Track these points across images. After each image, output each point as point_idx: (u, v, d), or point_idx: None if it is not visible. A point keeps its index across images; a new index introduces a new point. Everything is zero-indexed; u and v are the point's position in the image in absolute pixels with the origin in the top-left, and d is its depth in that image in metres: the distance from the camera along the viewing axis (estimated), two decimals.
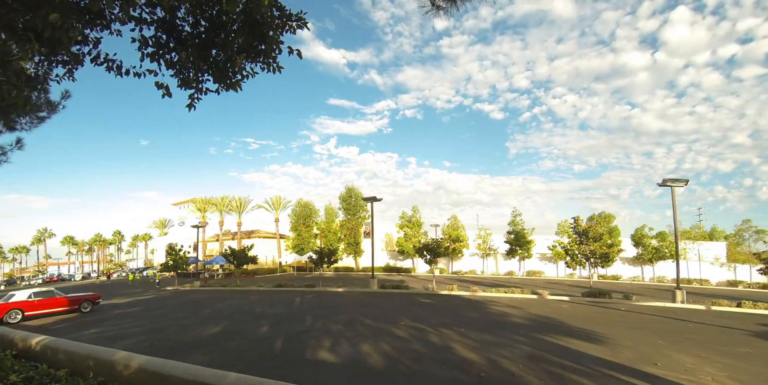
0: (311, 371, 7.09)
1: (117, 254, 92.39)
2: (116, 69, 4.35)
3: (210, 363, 7.23)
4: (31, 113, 7.04)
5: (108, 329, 12.25)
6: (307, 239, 51.23)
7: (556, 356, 8.04)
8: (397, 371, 7.04)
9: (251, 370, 6.90)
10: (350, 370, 7.16)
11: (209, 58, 4.26)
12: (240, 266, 34.74)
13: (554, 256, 39.69)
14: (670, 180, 20.37)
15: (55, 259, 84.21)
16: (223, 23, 4.04)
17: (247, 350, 8.79)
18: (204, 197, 59.41)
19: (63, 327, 13.24)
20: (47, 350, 5.58)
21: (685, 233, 47.14)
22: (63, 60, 4.40)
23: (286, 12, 4.13)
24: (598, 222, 23.63)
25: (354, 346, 9.01)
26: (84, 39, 4.23)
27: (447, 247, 26.18)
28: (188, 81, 4.37)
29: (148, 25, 4.10)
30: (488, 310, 15.37)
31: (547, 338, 9.78)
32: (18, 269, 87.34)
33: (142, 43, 4.14)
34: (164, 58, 4.25)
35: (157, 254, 71.81)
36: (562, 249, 23.07)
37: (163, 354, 7.85)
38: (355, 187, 52.00)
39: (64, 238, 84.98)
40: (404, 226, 47.41)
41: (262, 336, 10.35)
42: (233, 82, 4.44)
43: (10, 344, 6.12)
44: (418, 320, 12.71)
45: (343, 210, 51.90)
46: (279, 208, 55.38)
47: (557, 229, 42.88)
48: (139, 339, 10.37)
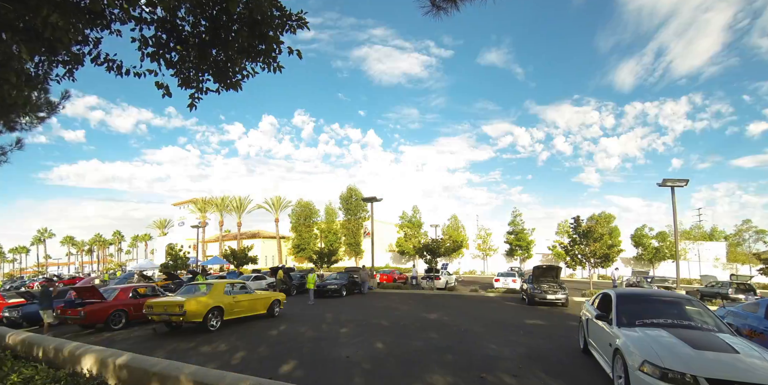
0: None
1: (117, 255, 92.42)
2: (116, 69, 4.35)
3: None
4: (31, 113, 7.03)
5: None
6: (307, 240, 51.25)
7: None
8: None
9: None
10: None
11: (209, 58, 4.25)
12: (239, 267, 34.74)
13: (555, 256, 39.71)
14: (670, 180, 20.38)
15: (55, 259, 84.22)
16: (224, 23, 4.03)
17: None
18: (204, 197, 59.45)
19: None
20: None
21: (685, 234, 47.12)
22: (63, 60, 4.39)
23: (286, 12, 4.13)
24: (598, 222, 23.63)
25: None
26: (84, 39, 4.23)
27: (447, 247, 26.12)
28: (188, 81, 4.37)
29: (148, 25, 4.09)
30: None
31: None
32: (18, 269, 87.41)
33: (143, 42, 4.13)
34: (164, 57, 4.24)
35: (157, 254, 71.84)
36: (562, 249, 23.07)
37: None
38: (355, 187, 52.01)
39: (64, 238, 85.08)
40: (404, 226, 47.44)
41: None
42: (233, 82, 4.44)
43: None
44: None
45: (343, 210, 51.91)
46: (279, 208, 55.37)
47: (557, 229, 42.89)
48: None
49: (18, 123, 6.92)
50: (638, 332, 5.39)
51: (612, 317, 6.13)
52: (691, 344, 4.79)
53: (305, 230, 52.01)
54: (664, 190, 21.64)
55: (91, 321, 11.36)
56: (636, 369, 4.60)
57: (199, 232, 41.49)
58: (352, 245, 50.26)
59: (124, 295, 12.47)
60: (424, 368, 6.65)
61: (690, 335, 5.13)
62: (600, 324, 6.44)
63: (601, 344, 6.42)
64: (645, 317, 5.94)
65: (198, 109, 4.74)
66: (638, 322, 5.83)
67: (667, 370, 4.28)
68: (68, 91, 7.42)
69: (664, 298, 6.74)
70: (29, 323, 12.92)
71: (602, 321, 6.32)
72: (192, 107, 4.48)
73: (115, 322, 11.67)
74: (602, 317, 6.34)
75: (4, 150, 7.55)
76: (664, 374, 4.28)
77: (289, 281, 22.00)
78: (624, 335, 5.39)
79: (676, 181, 20.36)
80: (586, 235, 20.66)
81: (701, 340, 5.00)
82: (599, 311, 6.84)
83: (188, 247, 51.41)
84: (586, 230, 20.75)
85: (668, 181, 20.35)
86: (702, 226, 55.03)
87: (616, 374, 5.30)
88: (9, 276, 75.62)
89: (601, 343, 6.42)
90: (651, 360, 4.48)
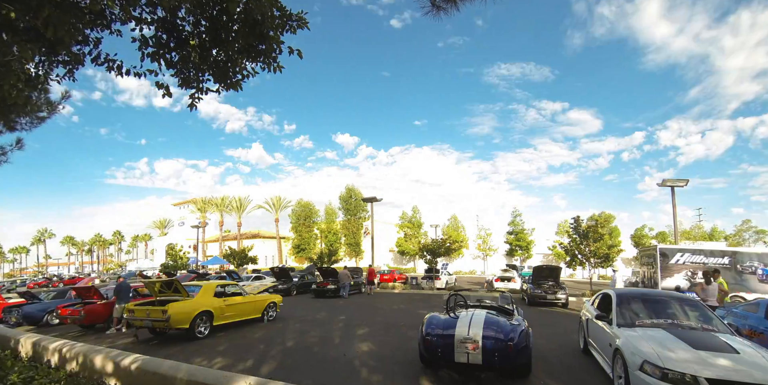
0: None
1: (117, 255, 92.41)
2: (117, 69, 4.35)
3: None
4: (32, 113, 7.05)
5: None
6: (307, 240, 51.23)
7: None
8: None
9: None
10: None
11: (210, 58, 4.26)
12: (240, 267, 34.77)
13: (555, 256, 39.73)
14: (670, 180, 20.40)
15: (55, 259, 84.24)
16: (224, 23, 4.04)
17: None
18: (204, 197, 59.46)
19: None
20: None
21: (684, 233, 47.14)
22: (63, 60, 4.40)
23: (286, 12, 4.13)
24: (598, 222, 23.63)
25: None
26: (84, 39, 4.23)
27: (447, 247, 26.11)
28: (189, 81, 4.37)
29: (148, 25, 4.10)
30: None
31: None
32: (18, 270, 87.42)
33: (143, 43, 4.14)
34: (165, 58, 4.24)
35: (157, 254, 71.86)
36: (562, 249, 23.07)
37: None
38: (354, 187, 51.99)
39: (64, 238, 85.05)
40: (404, 226, 47.45)
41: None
42: (234, 82, 4.45)
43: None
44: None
45: (343, 210, 51.86)
46: (279, 208, 55.38)
47: (557, 229, 42.91)
48: None
49: (18, 123, 6.93)
50: (638, 332, 5.39)
51: (612, 317, 6.14)
52: (691, 344, 4.79)
53: (305, 231, 51.99)
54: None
55: (91, 321, 11.37)
56: (636, 369, 4.61)
57: (199, 232, 41.50)
58: (353, 246, 50.25)
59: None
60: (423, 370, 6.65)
61: (690, 335, 5.14)
62: (600, 324, 6.44)
63: (601, 344, 6.42)
64: (645, 318, 5.96)
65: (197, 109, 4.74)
66: (638, 322, 5.84)
67: (667, 370, 4.28)
68: (68, 92, 7.44)
69: (664, 298, 6.74)
70: (29, 324, 12.93)
71: (602, 321, 6.33)
72: (192, 107, 4.49)
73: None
74: (602, 317, 6.34)
75: (5, 150, 7.57)
76: (664, 374, 4.28)
77: (290, 281, 22.03)
78: (624, 335, 5.39)
79: (676, 181, 20.38)
80: (586, 235, 20.65)
81: (701, 340, 5.00)
82: (599, 311, 6.84)
83: (188, 247, 51.48)
84: (586, 230, 20.74)
85: (668, 181, 20.36)
86: (702, 226, 54.99)
87: (616, 374, 5.30)
88: (9, 276, 75.63)
89: (601, 343, 6.42)
90: (651, 360, 4.48)
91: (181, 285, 10.04)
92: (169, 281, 10.35)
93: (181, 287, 9.99)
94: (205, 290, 10.36)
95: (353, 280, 22.03)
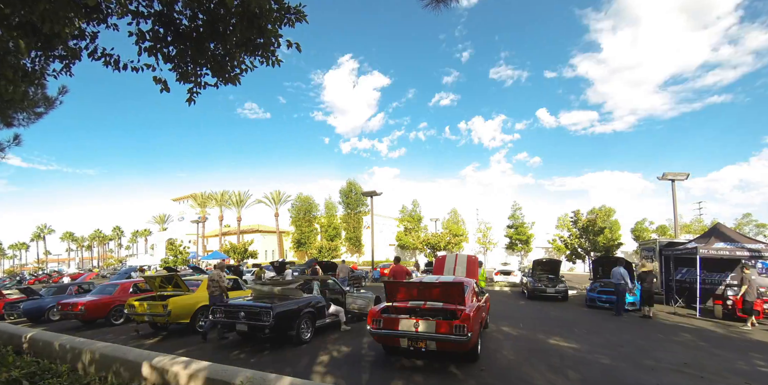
0: None
1: (117, 250, 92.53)
2: (114, 63, 4.31)
3: None
4: (29, 109, 7.00)
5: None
6: (308, 234, 51.29)
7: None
8: None
9: None
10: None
11: (207, 52, 4.21)
12: (240, 261, 34.84)
13: (555, 250, 39.82)
14: (671, 173, 20.38)
15: (54, 255, 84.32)
16: (221, 16, 3.99)
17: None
18: (203, 192, 59.39)
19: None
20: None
21: (685, 227, 47.23)
22: (60, 55, 4.35)
23: (284, 5, 4.08)
24: (598, 216, 23.66)
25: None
26: (81, 33, 4.19)
27: (447, 241, 26.18)
28: (186, 75, 4.33)
29: (145, 19, 4.05)
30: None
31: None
32: (18, 266, 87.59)
33: (140, 37, 4.09)
34: (162, 52, 4.20)
35: (157, 250, 71.94)
36: (562, 243, 23.14)
37: None
38: (355, 181, 51.91)
39: (63, 234, 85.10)
40: (404, 220, 47.46)
41: None
42: (232, 76, 4.41)
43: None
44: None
45: (343, 204, 51.80)
46: (279, 202, 55.33)
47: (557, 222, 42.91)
48: None
49: (15, 119, 6.89)
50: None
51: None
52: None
53: (305, 225, 52.00)
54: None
55: (91, 316, 11.39)
56: None
57: (199, 227, 41.52)
58: (353, 240, 50.29)
59: (124, 290, 12.49)
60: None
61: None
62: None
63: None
64: None
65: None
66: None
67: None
68: (65, 87, 7.39)
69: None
70: (30, 319, 12.96)
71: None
72: (190, 102, 4.46)
73: (116, 317, 11.70)
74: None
75: (2, 146, 7.53)
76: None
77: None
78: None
79: (677, 174, 20.36)
80: (586, 229, 20.69)
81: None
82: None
83: (188, 242, 51.58)
84: (586, 224, 20.78)
85: (669, 174, 20.35)
86: (702, 219, 55.07)
87: None
88: (9, 272, 75.79)
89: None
90: None
91: (181, 280, 10.07)
92: (170, 276, 10.36)
93: (181, 281, 10.02)
94: (205, 284, 10.20)
95: (351, 274, 21.94)
